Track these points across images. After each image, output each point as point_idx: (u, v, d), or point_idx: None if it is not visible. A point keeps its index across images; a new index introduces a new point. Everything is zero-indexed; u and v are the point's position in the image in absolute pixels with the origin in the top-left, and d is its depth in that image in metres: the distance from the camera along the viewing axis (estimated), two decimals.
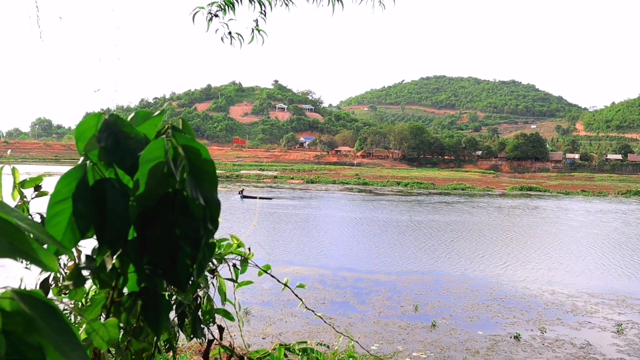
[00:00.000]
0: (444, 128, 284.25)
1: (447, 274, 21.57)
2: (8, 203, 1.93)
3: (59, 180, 0.95)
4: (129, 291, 0.98)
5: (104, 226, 0.92)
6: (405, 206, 50.38)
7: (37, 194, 2.06)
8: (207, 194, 0.94)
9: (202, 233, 0.93)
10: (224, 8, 5.77)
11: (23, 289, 0.68)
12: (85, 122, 0.98)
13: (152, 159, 0.90)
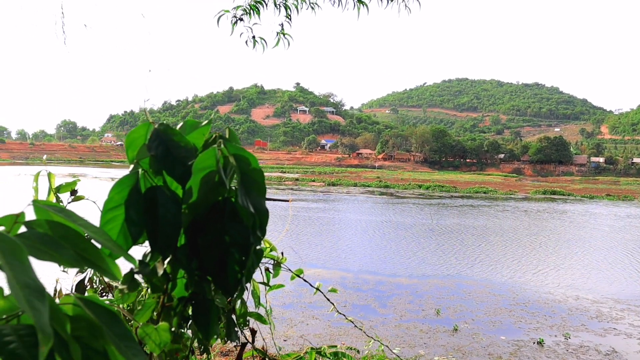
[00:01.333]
0: (466, 131, 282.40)
1: (469, 277, 21.40)
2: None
3: (112, 188, 0.97)
4: (178, 296, 1.00)
5: (155, 232, 0.95)
6: (426, 209, 50.10)
7: (73, 198, 2.10)
8: (256, 202, 0.96)
9: (251, 240, 0.95)
10: (249, 12, 5.81)
11: (82, 294, 0.70)
12: (135, 131, 1.01)
13: (204, 168, 0.92)
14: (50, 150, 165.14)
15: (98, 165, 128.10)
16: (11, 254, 0.57)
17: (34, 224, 0.70)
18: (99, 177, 78.98)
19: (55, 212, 0.72)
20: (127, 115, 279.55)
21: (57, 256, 0.65)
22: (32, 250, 0.61)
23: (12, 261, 0.56)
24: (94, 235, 0.71)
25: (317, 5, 6.33)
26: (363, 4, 6.18)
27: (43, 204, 0.72)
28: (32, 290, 0.55)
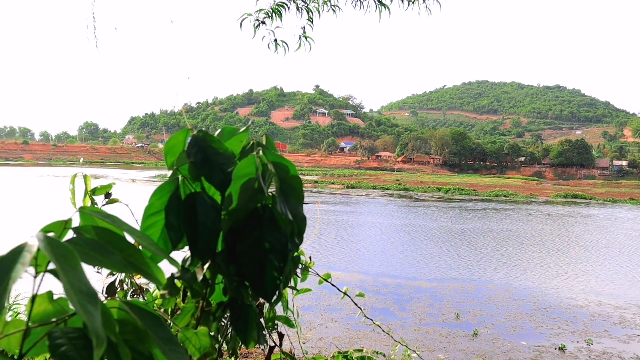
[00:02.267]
0: (486, 134, 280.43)
1: (489, 282, 21.24)
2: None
3: (153, 194, 0.99)
4: (216, 301, 1.01)
5: (195, 238, 0.96)
6: (446, 212, 49.83)
7: (108, 201, 2.13)
8: (294, 209, 0.97)
9: (289, 247, 0.96)
10: (272, 15, 5.84)
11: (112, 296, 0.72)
12: (174, 138, 1.03)
13: (243, 175, 0.93)
14: (73, 152, 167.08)
15: (119, 167, 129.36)
16: (65, 260, 0.59)
17: (82, 230, 0.71)
18: (120, 179, 79.78)
19: (100, 217, 0.73)
20: (147, 117, 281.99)
21: (106, 261, 0.67)
22: (81, 255, 0.63)
23: (65, 267, 0.58)
24: (139, 240, 0.73)
25: (338, 8, 6.35)
26: (384, 7, 6.17)
27: (89, 209, 0.74)
28: (86, 295, 0.56)
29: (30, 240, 0.62)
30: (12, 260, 0.58)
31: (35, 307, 0.70)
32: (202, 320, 1.04)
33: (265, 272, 0.95)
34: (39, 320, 0.70)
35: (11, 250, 0.60)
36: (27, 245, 0.61)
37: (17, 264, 0.58)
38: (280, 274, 0.95)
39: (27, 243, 0.61)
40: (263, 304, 1.77)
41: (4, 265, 0.57)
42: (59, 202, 46.05)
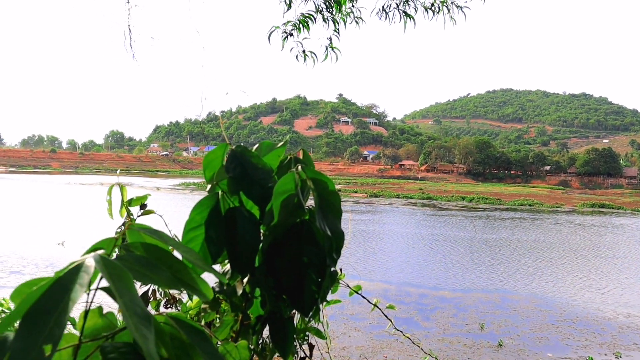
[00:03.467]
0: (510, 142, 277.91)
1: (514, 292, 21.00)
2: (117, 219, 2.04)
3: (193, 209, 1.01)
4: (254, 315, 1.03)
5: (235, 253, 0.98)
6: (470, 222, 49.42)
7: (143, 212, 2.16)
8: (332, 225, 0.98)
9: (328, 262, 0.97)
10: (299, 27, 5.89)
11: (174, 312, 0.73)
12: (213, 152, 1.05)
13: (284, 192, 0.95)
14: (99, 160, 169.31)
15: (144, 175, 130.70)
16: (119, 281, 0.60)
17: (131, 247, 0.73)
18: (145, 187, 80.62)
19: (147, 233, 0.75)
20: (172, 126, 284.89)
21: (156, 278, 0.68)
22: (132, 273, 0.64)
23: (121, 288, 0.59)
24: (186, 255, 0.74)
25: (361, 19, 6.38)
26: (410, 18, 6.19)
27: (137, 226, 0.76)
28: (140, 317, 0.58)
29: (87, 260, 0.64)
30: (70, 280, 0.60)
31: (87, 321, 0.71)
32: (241, 334, 1.05)
33: (303, 286, 0.96)
34: (89, 334, 0.72)
35: (68, 271, 0.62)
36: (84, 266, 0.62)
37: (76, 285, 0.59)
38: (318, 289, 0.96)
39: (84, 263, 0.63)
40: (294, 315, 1.78)
41: (63, 285, 0.59)
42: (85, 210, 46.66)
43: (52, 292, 0.59)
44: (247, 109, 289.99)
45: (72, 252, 25.69)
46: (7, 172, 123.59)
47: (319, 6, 5.97)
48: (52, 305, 0.58)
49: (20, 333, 0.56)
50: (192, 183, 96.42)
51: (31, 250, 26.12)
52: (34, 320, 0.57)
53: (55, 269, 3.07)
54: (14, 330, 0.67)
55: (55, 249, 26.45)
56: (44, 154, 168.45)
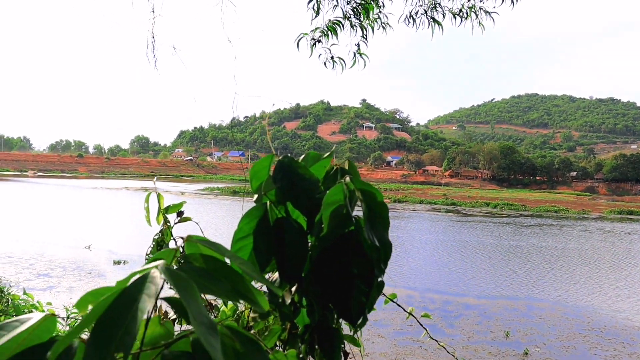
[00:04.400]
0: (535, 148, 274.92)
1: (540, 300, 20.76)
2: (154, 226, 2.07)
3: (242, 219, 1.03)
4: (301, 324, 1.04)
5: (284, 262, 0.99)
6: (495, 228, 48.95)
7: (180, 219, 2.19)
8: (380, 236, 0.99)
9: (376, 273, 0.98)
10: (327, 34, 5.91)
11: (228, 321, 0.75)
12: (259, 163, 1.07)
13: (333, 203, 0.96)
14: (124, 165, 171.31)
15: (168, 180, 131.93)
16: (186, 291, 0.62)
17: (191, 258, 0.75)
18: (169, 191, 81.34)
19: (204, 245, 0.77)
20: (196, 131, 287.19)
21: (215, 289, 0.70)
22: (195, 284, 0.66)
23: (188, 299, 0.61)
24: (241, 266, 0.76)
25: (388, 25, 6.38)
26: (438, 24, 6.18)
27: (195, 238, 0.77)
28: (207, 327, 0.59)
29: (152, 271, 0.65)
30: (137, 291, 0.62)
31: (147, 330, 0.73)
32: (290, 342, 1.06)
33: (351, 296, 0.97)
34: (148, 343, 0.74)
35: (135, 281, 0.64)
36: (150, 276, 0.64)
37: (143, 295, 0.61)
38: (366, 299, 0.97)
39: (149, 274, 0.64)
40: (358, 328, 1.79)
41: (130, 296, 0.61)
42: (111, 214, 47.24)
43: (120, 302, 0.61)
44: (271, 114, 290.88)
45: (98, 255, 26.03)
46: (35, 176, 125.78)
47: (347, 13, 6.00)
48: (121, 314, 0.60)
49: (93, 341, 0.58)
50: (216, 188, 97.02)
51: (59, 253, 26.52)
52: (105, 329, 0.59)
53: (82, 272, 3.16)
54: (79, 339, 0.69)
55: (82, 252, 26.82)
56: (72, 159, 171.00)
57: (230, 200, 70.59)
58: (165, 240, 2.10)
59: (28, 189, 76.94)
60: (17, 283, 18.00)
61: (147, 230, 2.44)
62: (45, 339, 0.72)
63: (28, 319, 0.72)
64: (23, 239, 30.19)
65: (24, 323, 0.71)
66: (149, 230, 2.41)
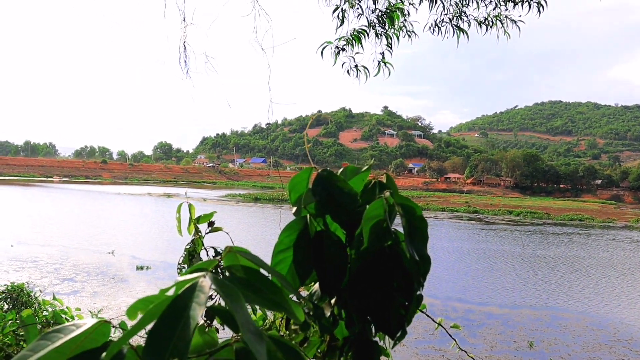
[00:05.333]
0: (559, 155, 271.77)
1: (564, 309, 20.50)
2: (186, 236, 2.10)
3: (282, 232, 1.05)
4: (339, 336, 1.05)
5: (324, 275, 1.01)
6: (518, 236, 48.46)
7: (211, 229, 2.21)
8: (420, 250, 1.00)
9: (415, 286, 0.99)
10: (351, 42, 5.93)
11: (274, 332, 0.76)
12: (298, 176, 1.08)
13: (373, 217, 0.97)
14: (148, 171, 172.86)
15: (191, 186, 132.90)
16: (233, 300, 0.64)
17: (233, 269, 0.77)
18: (192, 198, 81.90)
19: (244, 256, 0.79)
20: (219, 138, 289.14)
21: (257, 299, 0.71)
22: None
23: (236, 307, 0.63)
24: (279, 278, 0.77)
25: (414, 33, 6.38)
26: (464, 32, 6.17)
27: (236, 249, 0.79)
28: (254, 335, 0.61)
29: (200, 280, 0.67)
30: (188, 299, 0.64)
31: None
32: (329, 354, 1.08)
33: (391, 309, 0.98)
34: (193, 351, 0.76)
35: (185, 290, 0.66)
36: (199, 285, 0.66)
37: (193, 303, 0.63)
38: (405, 312, 0.98)
39: (198, 283, 0.66)
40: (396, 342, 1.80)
41: (181, 304, 0.63)
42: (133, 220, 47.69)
43: (172, 309, 0.63)
44: (293, 121, 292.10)
45: (121, 261, 26.29)
46: (60, 182, 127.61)
47: (372, 21, 6.01)
48: (174, 321, 0.62)
49: (150, 347, 0.60)
50: (238, 195, 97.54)
51: (83, 258, 26.84)
52: (159, 335, 0.61)
53: (106, 277, 3.22)
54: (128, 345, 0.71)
55: (105, 257, 27.12)
56: (96, 165, 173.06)
57: (252, 206, 70.90)
58: (196, 249, 2.12)
59: (53, 194, 78.06)
60: (43, 287, 18.27)
61: (169, 236, 2.48)
62: (100, 343, 0.75)
63: (84, 324, 0.74)
64: (48, 244, 30.63)
65: (79, 327, 0.73)
66: (171, 237, 2.45)
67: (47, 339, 0.73)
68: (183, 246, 2.10)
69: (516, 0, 6.39)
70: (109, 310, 16.67)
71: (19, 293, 9.34)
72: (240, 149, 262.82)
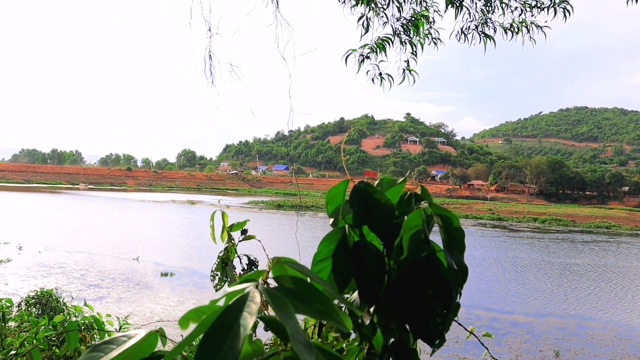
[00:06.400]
0: (585, 162, 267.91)
1: (591, 318, 20.21)
2: (219, 244, 2.14)
3: (321, 242, 1.08)
4: (377, 344, 1.08)
5: (363, 284, 1.04)
6: (543, 244, 47.92)
7: (244, 237, 2.25)
8: (458, 260, 1.02)
9: (453, 295, 1.01)
10: (376, 50, 5.96)
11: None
12: (335, 188, 1.11)
13: (412, 227, 1.00)
14: (172, 178, 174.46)
15: (214, 193, 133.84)
16: (284, 311, 0.66)
17: (281, 279, 0.80)
18: (215, 205, 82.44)
19: (292, 266, 0.81)
20: (242, 145, 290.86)
21: (306, 310, 0.74)
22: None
23: (286, 318, 0.65)
24: (326, 287, 0.80)
25: (439, 40, 6.39)
26: (491, 39, 6.17)
27: (283, 260, 0.82)
28: (304, 346, 0.64)
29: (251, 290, 0.70)
30: (239, 309, 0.67)
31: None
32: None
33: (430, 318, 1.00)
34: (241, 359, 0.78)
35: (236, 300, 0.68)
36: (250, 295, 0.69)
37: (244, 312, 0.66)
38: (444, 321, 1.00)
39: (249, 293, 0.69)
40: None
41: (233, 313, 0.66)
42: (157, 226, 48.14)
43: (224, 318, 0.66)
44: (315, 129, 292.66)
45: (146, 267, 26.56)
46: (86, 189, 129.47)
47: (397, 29, 6.03)
48: (226, 330, 0.65)
49: (201, 354, 0.63)
50: (261, 202, 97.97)
51: (108, 264, 27.17)
52: (211, 343, 0.64)
53: (131, 283, 3.29)
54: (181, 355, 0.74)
55: (130, 264, 27.42)
56: (121, 172, 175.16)
57: (275, 213, 71.14)
58: (230, 257, 2.16)
59: (79, 202, 79.18)
60: (70, 293, 18.53)
61: (193, 243, 2.52)
62: (147, 354, 0.78)
63: (135, 334, 0.77)
64: (75, 250, 31.08)
65: (131, 339, 0.76)
66: (194, 244, 2.49)
67: (99, 351, 0.76)
68: (206, 253, 2.14)
69: (542, 6, 6.37)
70: (134, 316, 16.83)
71: (48, 298, 9.51)
72: (262, 156, 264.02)
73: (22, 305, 9.38)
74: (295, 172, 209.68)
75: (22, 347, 3.61)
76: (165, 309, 18.73)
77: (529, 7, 6.47)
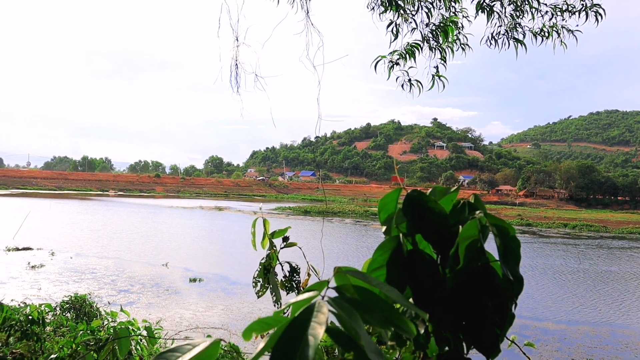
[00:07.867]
0: (616, 166, 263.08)
1: (624, 326, 19.81)
2: (260, 250, 2.16)
3: (376, 251, 1.09)
4: (430, 353, 1.08)
5: (418, 292, 1.04)
6: (574, 250, 47.12)
7: (286, 244, 2.27)
8: (513, 270, 1.03)
9: (508, 306, 1.02)
10: (405, 56, 5.95)
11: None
12: (388, 196, 1.12)
13: (468, 237, 1.00)
14: (199, 185, 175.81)
15: (241, 199, 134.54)
16: (351, 319, 0.67)
17: (343, 289, 0.81)
18: (242, 210, 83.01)
19: (353, 275, 0.82)
20: (268, 152, 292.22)
21: (369, 319, 0.75)
22: None
23: (356, 327, 0.66)
24: (390, 294, 0.81)
25: (468, 46, 6.37)
26: (521, 44, 6.13)
27: (344, 269, 0.83)
28: (376, 354, 0.65)
29: (318, 301, 0.71)
30: (307, 319, 0.68)
31: None
32: None
33: (486, 328, 1.00)
34: None
35: (303, 311, 0.70)
36: (317, 305, 0.70)
37: (312, 322, 0.67)
38: (500, 330, 1.01)
39: (317, 303, 0.70)
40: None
41: (302, 324, 0.67)
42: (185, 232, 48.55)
43: (292, 330, 0.67)
44: (342, 134, 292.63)
45: (175, 273, 26.79)
46: (116, 195, 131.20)
47: (426, 35, 6.03)
48: (296, 340, 0.66)
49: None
50: (288, 207, 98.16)
51: (138, 269, 27.46)
52: (282, 354, 0.65)
53: (160, 289, 3.34)
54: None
55: (159, 269, 27.68)
56: (149, 179, 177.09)
57: (302, 219, 71.23)
58: (272, 264, 2.18)
59: (109, 208, 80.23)
60: (101, 298, 18.79)
61: (221, 249, 2.55)
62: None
63: (199, 343, 0.79)
64: (105, 256, 31.49)
65: (196, 347, 0.78)
66: (222, 249, 2.52)
67: (166, 359, 0.78)
68: (234, 259, 2.14)
69: (573, 10, 6.31)
70: (164, 322, 16.98)
71: (82, 303, 9.66)
72: (289, 162, 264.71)
73: (57, 310, 9.54)
74: (321, 178, 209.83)
75: (61, 351, 3.67)
76: (194, 314, 18.85)
77: (559, 11, 6.40)
